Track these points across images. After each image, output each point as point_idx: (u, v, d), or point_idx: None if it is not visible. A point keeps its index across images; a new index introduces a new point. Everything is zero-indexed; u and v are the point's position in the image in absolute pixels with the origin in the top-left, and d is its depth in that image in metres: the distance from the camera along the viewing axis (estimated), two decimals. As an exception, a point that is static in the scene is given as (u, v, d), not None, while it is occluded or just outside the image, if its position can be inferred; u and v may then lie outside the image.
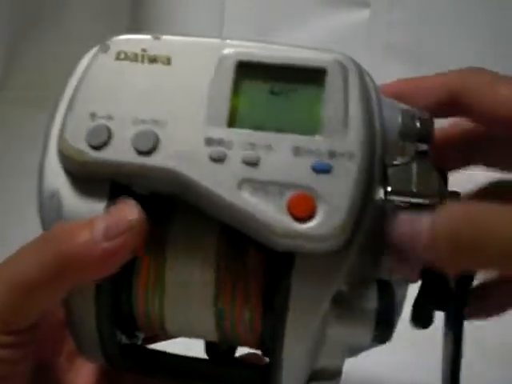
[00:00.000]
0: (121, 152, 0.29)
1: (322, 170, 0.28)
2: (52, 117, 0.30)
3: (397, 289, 0.30)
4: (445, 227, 0.27)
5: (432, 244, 0.27)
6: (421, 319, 0.33)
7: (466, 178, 0.35)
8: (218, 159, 0.28)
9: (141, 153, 0.29)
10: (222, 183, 0.28)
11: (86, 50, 0.31)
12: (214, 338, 0.32)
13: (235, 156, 0.28)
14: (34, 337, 0.30)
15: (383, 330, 0.29)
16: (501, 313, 0.35)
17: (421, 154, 0.30)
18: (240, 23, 0.73)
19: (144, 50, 0.30)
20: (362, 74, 0.29)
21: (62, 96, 0.31)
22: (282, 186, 0.28)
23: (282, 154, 0.28)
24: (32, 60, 0.74)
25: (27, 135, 0.51)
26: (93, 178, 0.29)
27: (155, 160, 0.29)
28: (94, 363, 0.34)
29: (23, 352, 0.30)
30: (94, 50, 0.31)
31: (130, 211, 0.28)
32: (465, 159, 0.36)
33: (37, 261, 0.28)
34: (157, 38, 0.30)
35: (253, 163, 0.28)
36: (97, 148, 0.29)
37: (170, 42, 0.30)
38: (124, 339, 0.32)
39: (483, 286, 0.35)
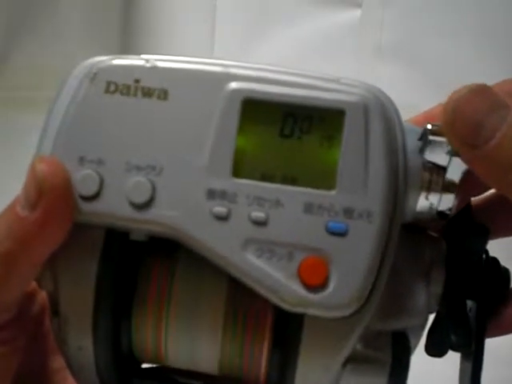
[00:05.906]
0: (114, 205, 0.26)
1: (336, 232, 0.25)
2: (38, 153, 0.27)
3: (411, 338, 0.29)
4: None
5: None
6: (437, 348, 0.32)
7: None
8: (222, 217, 0.26)
9: (136, 206, 0.26)
10: (225, 243, 0.26)
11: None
12: (216, 373, 0.30)
13: (240, 213, 0.26)
14: (21, 332, 0.30)
15: (396, 382, 0.28)
16: None
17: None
18: (231, 23, 0.73)
19: (137, 81, 0.26)
20: (385, 112, 0.26)
21: (48, 125, 0.27)
22: (292, 248, 0.25)
23: (293, 212, 0.25)
24: (22, 61, 0.72)
25: (17, 136, 0.49)
26: (84, 226, 0.27)
27: (152, 214, 0.26)
28: None
29: (9, 348, 0.29)
30: (80, 71, 0.27)
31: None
32: None
33: None
34: (152, 67, 0.26)
35: (260, 222, 0.26)
36: (88, 199, 0.26)
37: (166, 71, 0.26)
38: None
39: (499, 302, 0.33)
